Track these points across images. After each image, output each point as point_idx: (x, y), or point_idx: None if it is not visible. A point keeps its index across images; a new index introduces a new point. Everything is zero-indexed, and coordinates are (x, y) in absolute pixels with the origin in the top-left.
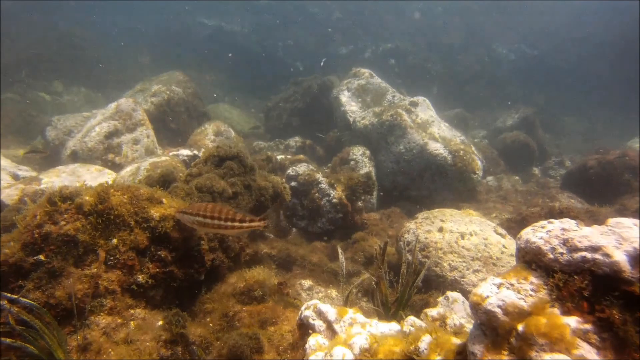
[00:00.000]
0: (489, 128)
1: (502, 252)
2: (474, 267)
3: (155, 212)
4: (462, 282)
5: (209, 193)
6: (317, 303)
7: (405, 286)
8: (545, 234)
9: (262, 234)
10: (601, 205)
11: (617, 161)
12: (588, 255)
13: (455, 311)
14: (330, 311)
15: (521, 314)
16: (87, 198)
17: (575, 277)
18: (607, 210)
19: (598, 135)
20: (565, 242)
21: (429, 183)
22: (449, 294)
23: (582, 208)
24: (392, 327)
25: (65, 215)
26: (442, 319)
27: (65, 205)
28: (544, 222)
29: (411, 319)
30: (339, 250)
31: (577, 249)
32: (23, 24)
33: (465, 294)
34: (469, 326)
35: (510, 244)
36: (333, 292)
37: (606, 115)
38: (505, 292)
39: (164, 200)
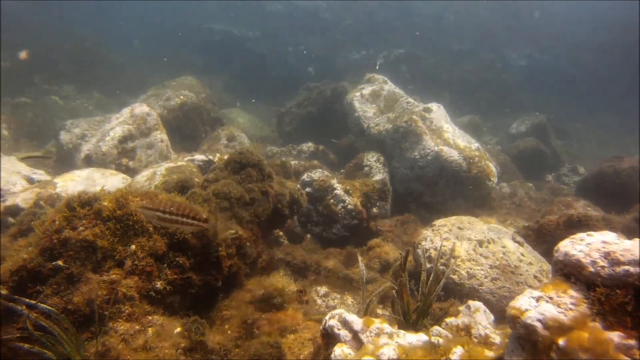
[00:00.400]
0: (501, 134)
1: (521, 261)
2: (492, 275)
3: None
4: (480, 290)
5: (226, 199)
6: (342, 313)
7: (427, 295)
8: (585, 247)
9: (277, 240)
10: (617, 213)
11: (632, 169)
12: (631, 269)
13: (478, 321)
14: (356, 321)
15: (562, 329)
16: (105, 204)
17: (617, 291)
18: (625, 219)
19: (611, 142)
20: (606, 256)
21: (443, 190)
22: (470, 303)
23: (599, 216)
24: (420, 338)
25: (84, 221)
26: (467, 329)
27: (84, 211)
28: (582, 235)
29: (437, 329)
30: (359, 258)
31: (619, 263)
32: (34, 27)
33: (484, 302)
34: (494, 337)
35: (528, 253)
36: (349, 299)
37: (619, 122)
38: (545, 305)
39: None
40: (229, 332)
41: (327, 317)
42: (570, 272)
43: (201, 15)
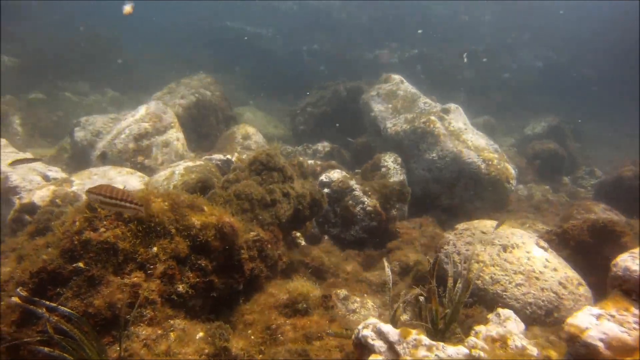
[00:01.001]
0: (517, 136)
1: (545, 266)
2: (516, 281)
3: (196, 220)
4: (504, 296)
5: (247, 200)
6: (377, 322)
7: (457, 302)
8: None
9: (294, 241)
10: (638, 217)
11: None
12: None
13: (512, 331)
14: (392, 332)
15: (626, 349)
16: None
17: None
18: None
19: (625, 144)
20: None
21: (461, 192)
22: (500, 311)
23: (623, 221)
24: (459, 350)
25: (105, 222)
26: (503, 340)
27: (105, 212)
28: None
29: (472, 340)
30: (386, 264)
31: None
32: (48, 23)
33: (508, 308)
34: (531, 349)
35: (553, 258)
36: (369, 302)
37: (635, 124)
38: (607, 324)
39: (205, 207)
40: (252, 337)
41: (360, 327)
42: (630, 289)
43: (214, 13)
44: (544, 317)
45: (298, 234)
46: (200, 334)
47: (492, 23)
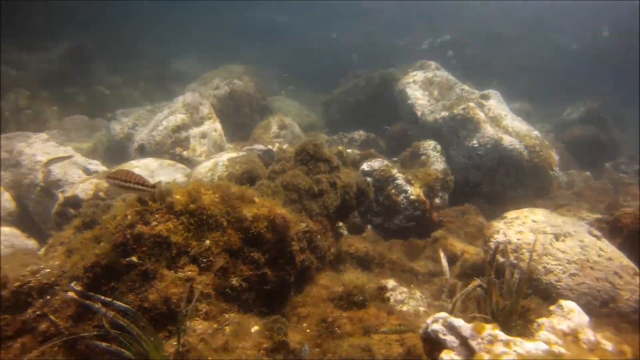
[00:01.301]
0: (553, 121)
1: (599, 256)
2: (570, 271)
3: (247, 212)
4: (559, 287)
5: (295, 191)
6: (448, 317)
7: (517, 293)
8: None
9: (337, 231)
10: None
11: None
12: None
13: (582, 324)
14: (464, 326)
15: None
16: (178, 197)
17: None
18: None
19: None
20: None
21: (502, 179)
22: (563, 303)
23: None
24: (538, 346)
25: (157, 215)
26: (574, 334)
27: (156, 205)
28: None
29: (544, 334)
30: (441, 255)
31: None
32: (81, 20)
33: (564, 299)
34: (605, 343)
35: (607, 247)
36: (417, 293)
37: None
38: None
39: (255, 199)
40: (308, 330)
41: (429, 321)
42: None
43: (245, 2)
44: (599, 308)
45: (340, 224)
46: (256, 328)
47: (527, 5)
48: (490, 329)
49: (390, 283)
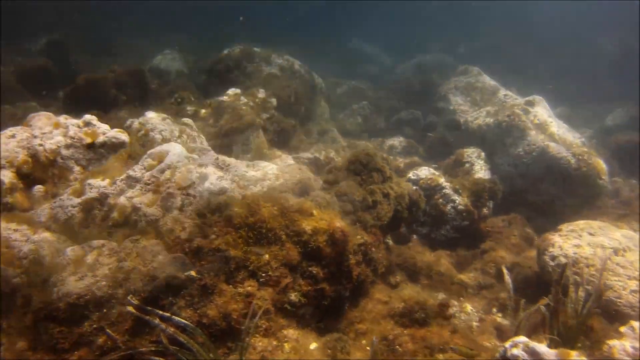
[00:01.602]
0: (594, 127)
1: None
2: (631, 287)
3: (306, 225)
4: (619, 304)
5: (349, 202)
6: (528, 341)
7: (587, 313)
8: None
9: (384, 242)
10: None
11: None
12: None
13: None
14: (548, 352)
15: None
16: (236, 210)
17: None
18: None
19: None
20: None
21: (549, 188)
22: (634, 324)
23: None
24: None
25: (215, 229)
26: None
27: (215, 218)
28: None
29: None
30: (504, 271)
31: None
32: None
33: (624, 317)
34: None
35: None
36: (468, 307)
37: None
38: None
39: (314, 212)
40: (368, 348)
41: (507, 345)
42: None
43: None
44: None
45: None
46: (314, 345)
47: (566, 7)
48: (577, 356)
49: (440, 296)
